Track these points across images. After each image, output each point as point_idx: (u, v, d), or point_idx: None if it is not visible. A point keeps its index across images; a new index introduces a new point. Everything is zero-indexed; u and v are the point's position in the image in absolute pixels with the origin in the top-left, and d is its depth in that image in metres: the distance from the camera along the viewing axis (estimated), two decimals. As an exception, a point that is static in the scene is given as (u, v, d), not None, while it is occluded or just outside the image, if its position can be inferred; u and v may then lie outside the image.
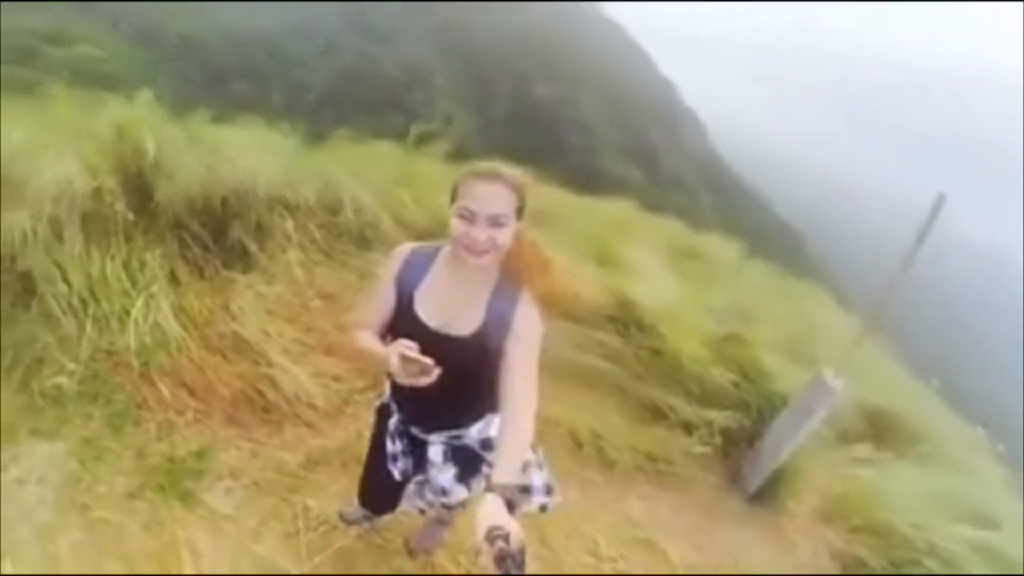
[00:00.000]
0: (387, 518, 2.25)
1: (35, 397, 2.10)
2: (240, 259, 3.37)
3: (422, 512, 1.96)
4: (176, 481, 2.06)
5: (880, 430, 3.73)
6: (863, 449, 3.52)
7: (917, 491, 3.29)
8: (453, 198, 1.39)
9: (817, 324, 4.61)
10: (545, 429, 3.23)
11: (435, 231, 3.47)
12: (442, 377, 1.38)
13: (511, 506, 1.21)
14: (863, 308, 2.82)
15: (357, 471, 1.98)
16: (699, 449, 3.32)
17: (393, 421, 1.73)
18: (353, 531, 2.14)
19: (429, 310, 1.48)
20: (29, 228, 2.16)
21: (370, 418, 1.87)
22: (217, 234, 3.32)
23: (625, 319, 3.96)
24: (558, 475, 3.08)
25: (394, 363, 1.34)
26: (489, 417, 1.67)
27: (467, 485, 1.74)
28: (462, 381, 1.48)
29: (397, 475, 1.75)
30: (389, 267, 1.55)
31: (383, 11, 39.16)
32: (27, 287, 2.27)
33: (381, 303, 1.55)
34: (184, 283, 2.96)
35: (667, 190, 33.22)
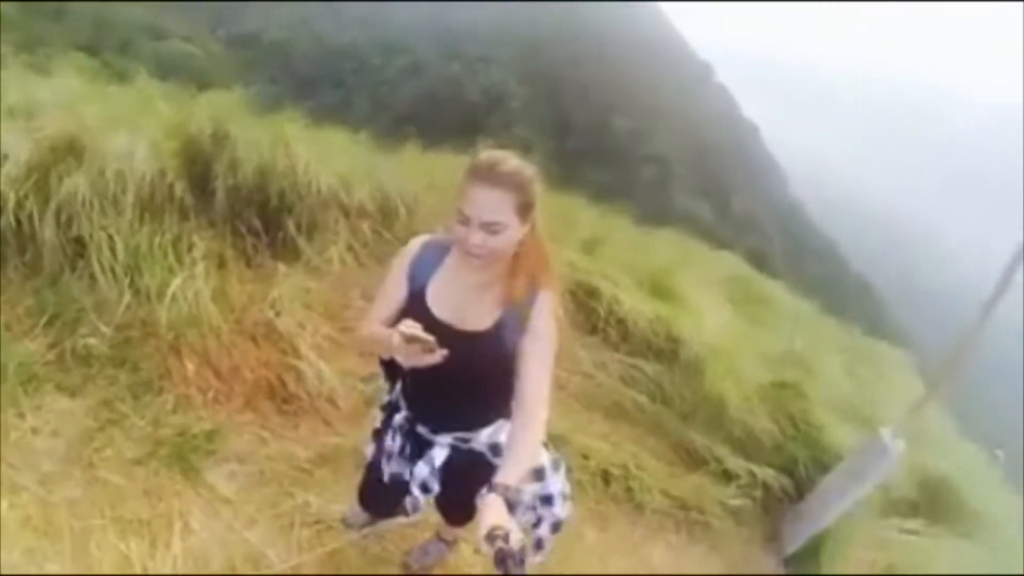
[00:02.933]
0: (392, 529, 2.18)
1: (65, 354, 2.18)
2: (289, 252, 3.45)
3: (407, 515, 1.86)
4: (183, 455, 2.07)
5: (935, 501, 3.34)
6: (915, 520, 3.12)
7: (969, 572, 2.88)
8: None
9: (881, 383, 4.23)
10: (572, 459, 3.07)
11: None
12: (453, 374, 1.34)
13: (511, 507, 1.20)
14: (931, 368, 2.52)
15: (366, 474, 1.91)
16: (737, 501, 3.05)
17: (398, 417, 1.66)
18: (349, 536, 2.07)
19: (441, 304, 1.43)
20: (87, 195, 2.28)
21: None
22: (269, 225, 3.41)
23: (673, 355, 3.77)
24: (580, 511, 2.93)
25: (396, 342, 1.28)
26: (501, 423, 1.58)
27: (451, 487, 1.64)
28: (474, 379, 1.43)
29: (385, 475, 1.67)
30: (401, 259, 1.51)
31: (469, 36, 40.79)
32: (77, 251, 2.39)
33: (392, 296, 1.51)
34: (230, 268, 3.04)
35: (739, 232, 32.17)
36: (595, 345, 3.81)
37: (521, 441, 1.33)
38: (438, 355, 1.29)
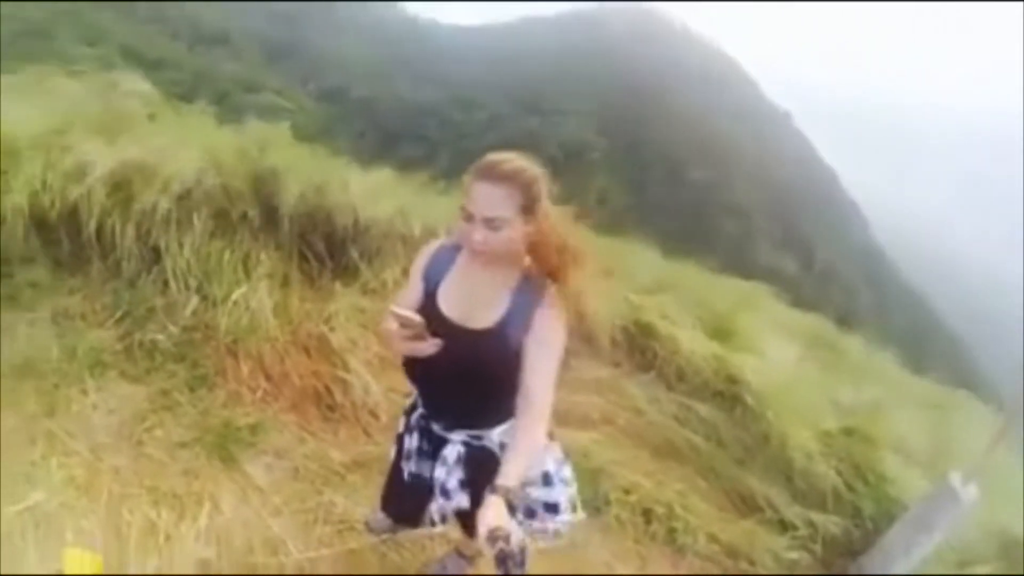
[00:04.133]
0: (413, 539, 2.18)
1: (133, 346, 2.41)
2: (350, 275, 3.67)
3: (433, 525, 1.86)
4: (225, 444, 2.20)
5: (1012, 560, 2.85)
6: None
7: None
8: None
9: (957, 436, 3.78)
10: (613, 494, 2.97)
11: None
12: (460, 370, 1.39)
13: (512, 509, 1.22)
14: (1005, 411, 2.23)
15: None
16: (792, 553, 2.79)
17: (415, 416, 1.70)
18: (369, 539, 2.09)
19: (451, 303, 1.48)
20: (164, 208, 2.58)
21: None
22: (333, 251, 3.65)
23: (733, 397, 3.60)
24: (615, 549, 2.80)
25: (392, 328, 1.33)
26: (514, 421, 1.58)
27: (473, 493, 1.62)
28: (481, 376, 1.45)
29: (406, 474, 1.70)
30: (418, 262, 1.58)
31: (547, 90, 42.30)
32: (154, 257, 2.66)
33: (409, 296, 1.56)
34: (293, 287, 3.27)
35: (823, 283, 30.36)
36: (649, 382, 3.72)
37: (522, 442, 1.33)
38: (431, 344, 1.33)
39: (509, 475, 1.26)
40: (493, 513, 1.15)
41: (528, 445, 1.34)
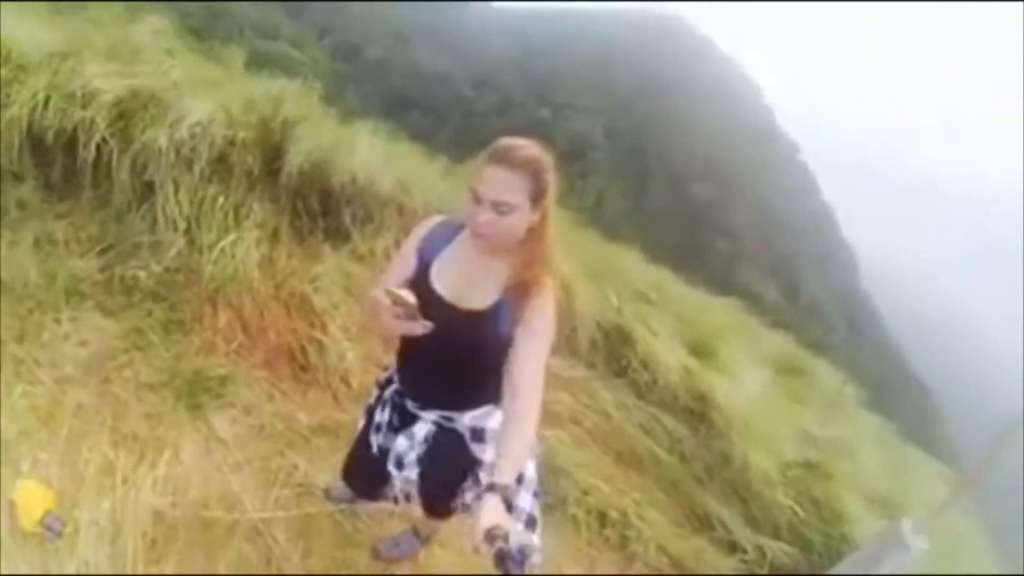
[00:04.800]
0: (370, 512, 2.17)
1: (113, 280, 2.36)
2: (341, 238, 3.62)
3: (396, 502, 1.86)
4: (193, 392, 2.17)
5: None
6: None
7: None
8: None
9: (914, 484, 3.88)
10: (571, 493, 2.99)
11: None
12: (445, 349, 1.39)
13: (510, 506, 1.24)
14: (962, 468, 2.29)
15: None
16: (737, 574, 2.84)
17: (390, 391, 1.70)
18: (327, 506, 2.08)
19: (444, 281, 1.47)
20: (164, 146, 2.50)
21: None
22: (327, 211, 3.60)
23: (701, 415, 3.64)
24: (567, 550, 2.83)
25: (384, 303, 1.33)
26: (489, 408, 1.59)
27: (425, 470, 1.62)
28: (466, 358, 1.46)
29: (374, 447, 1.70)
30: (414, 235, 1.57)
31: (560, 83, 41.98)
32: (145, 194, 2.60)
33: (402, 268, 1.56)
34: (282, 241, 3.22)
35: (802, 317, 30.81)
36: (620, 387, 3.73)
37: (514, 436, 1.32)
38: (421, 325, 1.32)
39: (504, 473, 1.24)
40: (491, 512, 1.14)
41: (521, 438, 1.32)
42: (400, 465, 1.64)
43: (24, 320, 2.14)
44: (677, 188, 40.67)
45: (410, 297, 1.30)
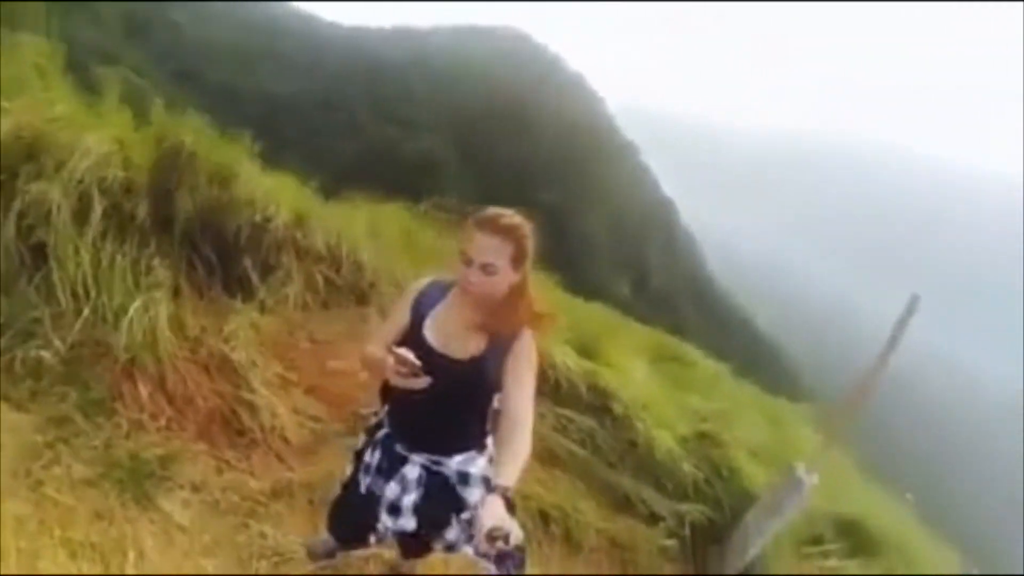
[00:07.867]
0: (353, 563, 2.16)
1: (15, 364, 2.10)
2: (242, 289, 3.44)
3: (379, 541, 1.90)
4: (137, 480, 2.01)
5: (850, 540, 3.67)
6: (832, 558, 3.44)
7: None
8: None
9: (791, 434, 4.66)
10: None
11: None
12: (437, 396, 1.50)
13: (511, 507, 1.27)
14: (835, 409, 2.90)
15: (320, 510, 1.93)
16: (666, 541, 3.25)
17: (380, 434, 1.77)
18: (308, 567, 2.05)
19: (435, 333, 1.61)
20: (56, 203, 2.24)
21: (343, 461, 1.89)
22: (225, 260, 3.41)
23: (604, 409, 4.01)
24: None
25: (389, 362, 1.44)
26: (473, 453, 1.72)
27: (421, 518, 1.71)
28: (455, 404, 1.60)
29: (363, 487, 1.75)
30: (408, 294, 1.72)
31: (407, 101, 41.88)
32: (36, 259, 2.32)
33: (397, 322, 1.69)
34: (184, 297, 3.01)
35: (655, 307, 33.88)
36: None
37: (511, 441, 1.42)
38: (423, 380, 1.45)
39: (506, 474, 1.32)
40: (492, 513, 1.19)
41: (519, 443, 1.42)
42: (396, 512, 1.70)
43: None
44: (527, 197, 42.40)
45: (414, 360, 1.42)
